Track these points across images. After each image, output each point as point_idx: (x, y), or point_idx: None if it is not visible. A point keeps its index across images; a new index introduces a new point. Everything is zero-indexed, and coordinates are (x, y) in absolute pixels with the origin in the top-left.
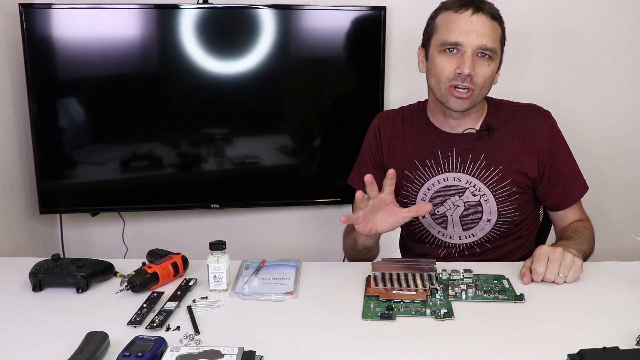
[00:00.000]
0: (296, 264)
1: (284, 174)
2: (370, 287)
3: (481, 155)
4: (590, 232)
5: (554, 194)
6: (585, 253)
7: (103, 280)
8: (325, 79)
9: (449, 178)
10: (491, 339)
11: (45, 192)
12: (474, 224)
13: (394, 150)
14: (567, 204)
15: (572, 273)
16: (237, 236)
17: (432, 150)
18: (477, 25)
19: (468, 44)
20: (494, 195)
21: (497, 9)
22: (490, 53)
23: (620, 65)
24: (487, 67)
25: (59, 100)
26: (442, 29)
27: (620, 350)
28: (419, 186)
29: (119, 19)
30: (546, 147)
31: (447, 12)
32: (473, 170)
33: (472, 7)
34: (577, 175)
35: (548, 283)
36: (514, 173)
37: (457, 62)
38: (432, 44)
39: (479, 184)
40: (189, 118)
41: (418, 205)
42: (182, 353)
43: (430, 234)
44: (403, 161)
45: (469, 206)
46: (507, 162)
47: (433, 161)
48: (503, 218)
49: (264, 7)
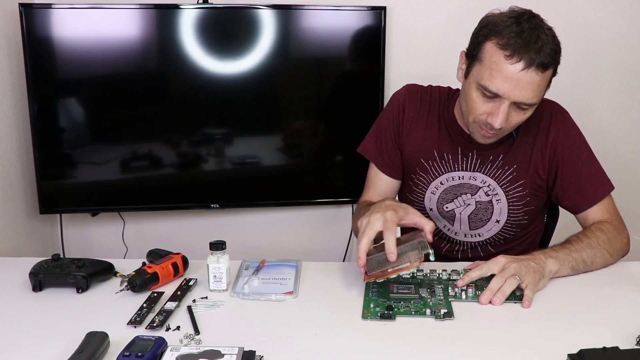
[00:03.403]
0: (296, 264)
1: (284, 174)
2: (367, 274)
3: (500, 156)
4: (607, 235)
5: (571, 194)
6: (583, 261)
7: (103, 280)
8: (325, 79)
9: (464, 177)
10: (491, 339)
11: (45, 192)
12: (482, 224)
13: (414, 132)
14: (587, 204)
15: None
16: (237, 236)
17: (453, 146)
18: (524, 82)
19: (508, 97)
20: (507, 196)
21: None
22: (530, 106)
23: (620, 65)
24: (523, 115)
25: (59, 100)
26: (486, 70)
27: (620, 350)
28: (432, 178)
29: (119, 19)
30: (558, 144)
31: (498, 52)
32: (490, 170)
33: (524, 60)
34: (598, 174)
35: (548, 283)
36: (528, 173)
37: (491, 108)
38: (473, 72)
39: (493, 184)
40: (189, 118)
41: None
42: (182, 353)
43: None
44: (421, 147)
45: (480, 206)
46: (522, 161)
47: (451, 157)
48: (512, 220)
49: (264, 7)
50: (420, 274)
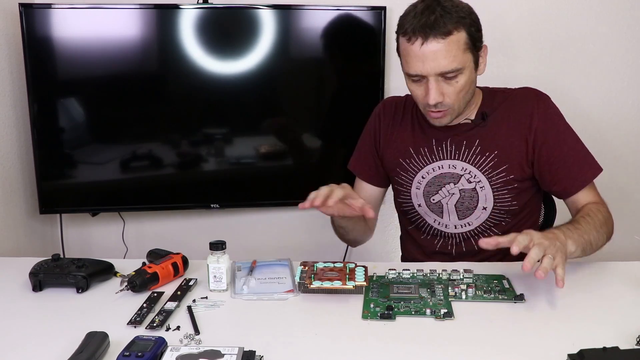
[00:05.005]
0: (287, 262)
1: (284, 174)
2: None
3: (475, 142)
4: (603, 216)
5: (560, 179)
6: (590, 243)
7: (103, 280)
8: (325, 79)
9: (443, 166)
10: (491, 339)
11: (45, 192)
12: (469, 212)
13: (391, 138)
14: (576, 187)
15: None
16: (237, 236)
17: (427, 139)
18: (430, 53)
19: (427, 73)
20: (490, 182)
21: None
22: (454, 73)
23: (620, 64)
24: (457, 83)
25: (59, 100)
26: (403, 60)
27: (620, 350)
28: (413, 174)
29: (119, 19)
30: (541, 129)
31: (403, 41)
32: (468, 156)
33: (420, 35)
34: (585, 157)
35: (548, 283)
36: (511, 158)
37: (424, 90)
38: (402, 68)
39: (474, 171)
40: (189, 118)
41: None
42: (182, 353)
43: (426, 223)
44: (398, 149)
45: (465, 194)
46: (503, 146)
47: (427, 149)
48: (499, 206)
49: (264, 7)
50: (420, 274)
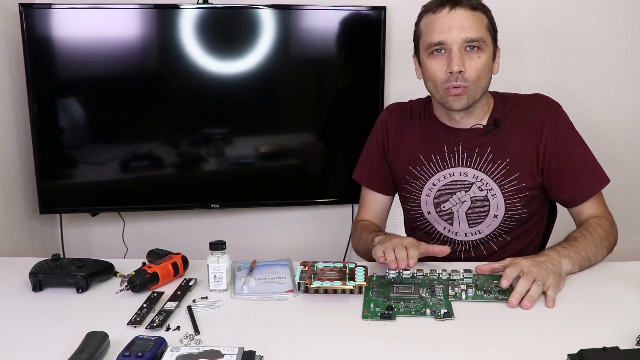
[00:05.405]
0: (287, 262)
1: (284, 174)
2: None
3: (488, 149)
4: (604, 230)
5: (567, 188)
6: (589, 259)
7: (103, 280)
8: (325, 79)
9: (454, 173)
10: (491, 339)
11: (45, 192)
12: (480, 220)
13: (400, 145)
14: (582, 197)
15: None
16: (237, 236)
17: (438, 145)
18: (457, 20)
19: (452, 41)
20: (502, 190)
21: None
22: (478, 43)
23: (620, 64)
24: (479, 59)
25: (59, 100)
26: (426, 32)
27: (620, 350)
28: (423, 182)
29: (119, 19)
30: (551, 137)
31: (428, 15)
32: (480, 164)
33: (449, 4)
34: (594, 167)
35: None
36: (522, 166)
37: (446, 62)
38: (421, 50)
39: (485, 178)
40: (189, 118)
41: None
42: (182, 353)
43: (435, 230)
44: (408, 156)
45: (476, 201)
46: (514, 154)
47: (439, 156)
48: (510, 214)
49: (264, 7)
50: (420, 274)
